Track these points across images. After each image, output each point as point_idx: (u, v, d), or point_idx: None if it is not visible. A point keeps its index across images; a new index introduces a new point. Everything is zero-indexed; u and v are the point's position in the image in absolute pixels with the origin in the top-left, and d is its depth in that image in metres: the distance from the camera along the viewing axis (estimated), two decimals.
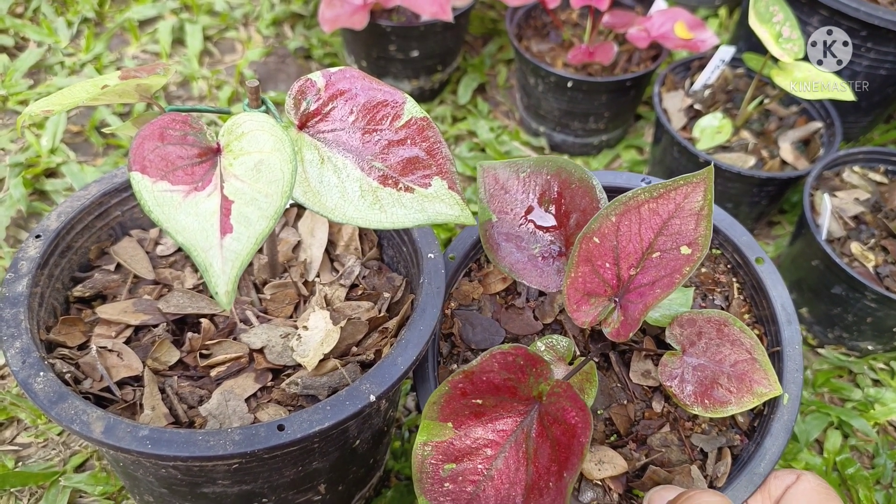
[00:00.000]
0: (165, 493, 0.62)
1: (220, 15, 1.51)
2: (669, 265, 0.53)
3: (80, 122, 1.29)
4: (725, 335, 0.56)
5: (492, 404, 0.52)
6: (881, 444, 0.95)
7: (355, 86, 0.52)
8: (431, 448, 0.51)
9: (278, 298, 0.67)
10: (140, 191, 0.43)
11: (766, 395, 0.54)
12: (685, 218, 0.54)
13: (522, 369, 0.52)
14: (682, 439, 0.61)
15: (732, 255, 0.72)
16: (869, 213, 1.02)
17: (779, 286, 0.67)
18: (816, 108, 1.18)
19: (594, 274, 0.54)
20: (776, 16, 1.00)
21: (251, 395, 0.61)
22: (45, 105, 0.52)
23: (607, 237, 0.54)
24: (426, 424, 0.52)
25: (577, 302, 0.54)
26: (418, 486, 0.50)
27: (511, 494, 0.50)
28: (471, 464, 0.51)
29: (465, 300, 0.69)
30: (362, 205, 0.49)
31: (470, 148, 1.32)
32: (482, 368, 0.52)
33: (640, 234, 0.54)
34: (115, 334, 0.64)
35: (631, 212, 0.55)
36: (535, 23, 1.37)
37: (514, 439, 0.52)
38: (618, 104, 1.27)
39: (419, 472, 0.51)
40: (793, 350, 0.64)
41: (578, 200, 0.59)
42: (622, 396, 0.62)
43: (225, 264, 0.41)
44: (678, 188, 0.54)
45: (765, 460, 0.57)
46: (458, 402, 0.52)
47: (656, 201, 0.54)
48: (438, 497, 0.50)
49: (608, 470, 0.58)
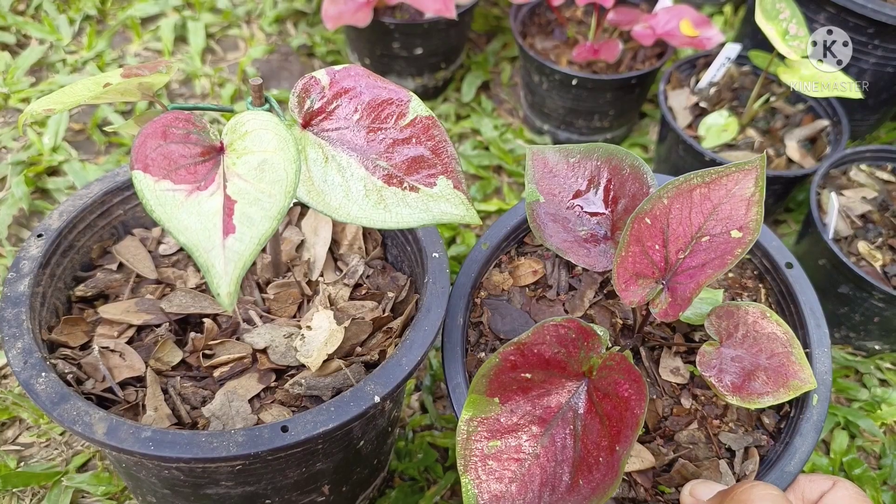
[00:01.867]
0: (168, 494, 0.62)
1: (223, 12, 1.51)
2: (720, 248, 0.53)
3: (82, 121, 1.28)
4: (762, 328, 0.57)
5: (540, 379, 0.52)
6: (888, 445, 0.94)
7: (360, 84, 0.51)
8: (477, 424, 0.50)
9: (282, 298, 0.66)
10: (142, 190, 0.43)
11: (801, 389, 0.54)
12: (736, 203, 0.54)
13: (574, 342, 0.52)
14: (709, 437, 0.61)
15: (761, 260, 0.72)
16: (876, 211, 1.01)
17: (808, 290, 0.68)
18: (823, 105, 1.17)
19: (644, 255, 0.55)
20: (783, 13, 1.00)
21: (254, 395, 0.61)
22: (47, 103, 0.52)
23: (658, 219, 0.55)
24: (473, 399, 0.51)
25: (625, 282, 0.54)
26: (461, 464, 0.50)
27: (557, 472, 0.49)
28: (516, 441, 0.51)
29: (494, 290, 0.70)
30: (366, 204, 0.49)
31: (474, 146, 1.31)
32: (534, 340, 0.52)
33: (691, 217, 0.55)
34: (117, 334, 0.64)
35: (683, 195, 0.55)
36: (539, 20, 1.36)
37: (561, 416, 0.51)
38: (623, 102, 1.26)
39: (463, 448, 0.50)
40: (822, 353, 0.64)
41: (628, 186, 0.60)
42: (651, 392, 0.63)
43: (227, 265, 0.41)
44: (730, 174, 0.55)
45: (794, 459, 0.57)
46: (507, 376, 0.51)
47: (708, 186, 0.55)
48: (481, 475, 0.49)
49: (636, 464, 0.58)
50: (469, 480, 0.49)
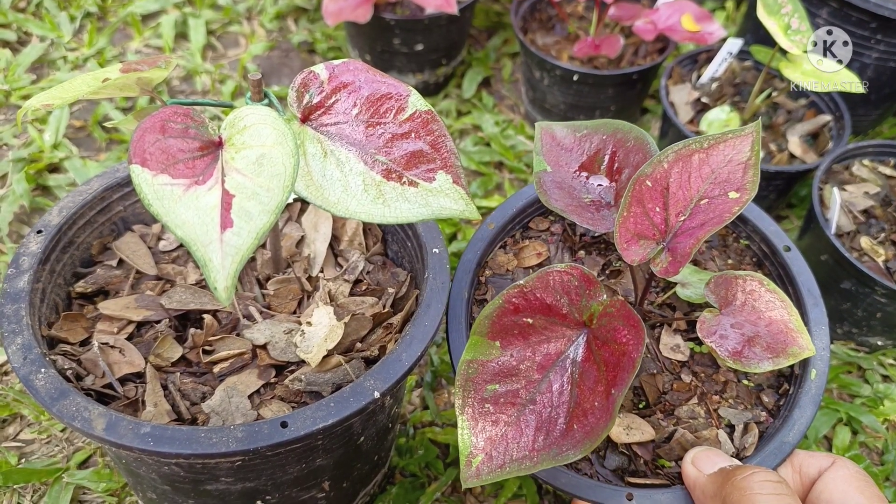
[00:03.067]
0: (168, 490, 0.62)
1: (224, 9, 1.51)
2: (718, 208, 0.55)
3: (82, 117, 1.28)
4: (760, 296, 0.58)
5: (541, 325, 0.53)
6: (890, 441, 0.94)
7: (359, 78, 0.51)
8: (477, 367, 0.51)
9: (282, 294, 0.66)
10: (140, 184, 0.43)
11: (800, 355, 0.55)
12: (734, 167, 0.56)
13: (576, 290, 0.53)
14: (709, 412, 0.62)
15: (760, 245, 0.73)
16: (879, 206, 1.01)
17: (805, 272, 0.69)
18: (825, 100, 1.16)
19: (644, 216, 0.56)
20: (785, 7, 0.99)
21: (254, 391, 0.60)
22: (46, 99, 0.52)
23: (659, 181, 0.56)
24: (475, 341, 0.52)
25: (627, 241, 0.55)
26: (460, 405, 0.50)
27: (553, 417, 0.50)
28: (514, 385, 0.52)
29: (499, 270, 0.71)
30: (365, 199, 0.49)
31: (475, 142, 1.31)
32: (537, 285, 0.53)
33: (690, 181, 0.56)
34: (117, 330, 0.64)
35: (682, 160, 0.56)
36: (540, 16, 1.35)
37: (560, 364, 0.52)
38: (624, 97, 1.26)
39: (461, 389, 0.51)
40: (820, 330, 0.65)
41: (632, 157, 0.61)
42: (652, 367, 0.64)
43: (224, 259, 0.41)
44: (727, 140, 0.56)
45: (793, 430, 0.58)
46: (509, 319, 0.52)
47: (706, 152, 0.56)
48: (478, 418, 0.50)
49: (636, 435, 0.59)
50: (465, 421, 0.50)
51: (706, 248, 0.74)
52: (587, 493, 0.55)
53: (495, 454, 0.50)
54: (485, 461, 0.49)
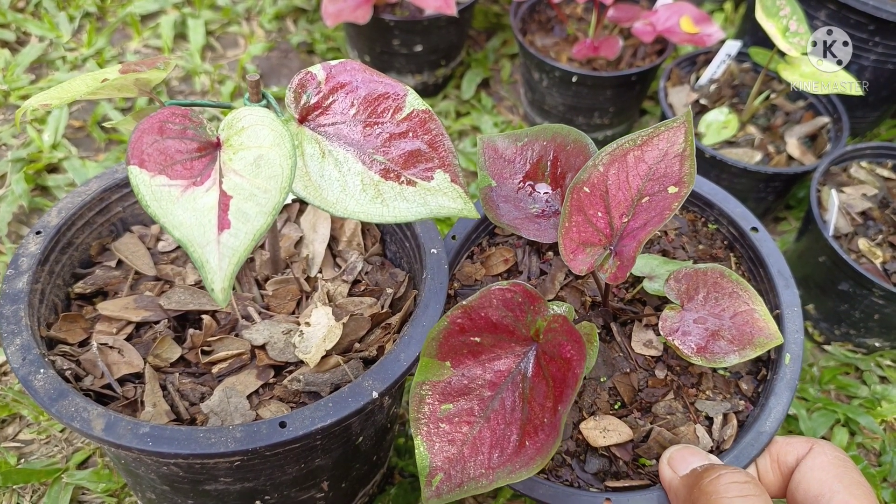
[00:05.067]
0: (167, 490, 0.62)
1: (223, 9, 1.51)
2: (659, 205, 0.54)
3: (82, 118, 1.28)
4: (723, 288, 0.57)
5: (490, 343, 0.52)
6: (888, 442, 0.94)
7: (356, 78, 0.51)
8: (429, 388, 0.51)
9: (280, 294, 0.66)
10: (138, 185, 0.43)
11: (767, 345, 0.54)
12: (670, 161, 0.55)
13: (521, 306, 0.52)
14: (686, 406, 0.61)
15: (728, 228, 0.72)
16: (876, 208, 1.01)
17: (774, 253, 0.68)
18: (823, 102, 1.16)
19: (587, 223, 0.55)
20: (783, 9, 0.99)
21: (253, 391, 0.61)
22: (44, 99, 0.52)
23: (597, 186, 0.55)
24: (425, 363, 0.51)
25: (573, 251, 0.55)
26: (415, 427, 0.50)
27: (506, 434, 0.50)
28: (467, 404, 0.51)
29: (467, 281, 0.70)
30: (364, 199, 0.49)
31: (474, 143, 1.31)
32: (480, 304, 0.52)
33: (629, 181, 0.55)
34: (116, 331, 0.64)
35: (617, 161, 0.56)
36: (539, 17, 1.36)
37: (511, 380, 0.52)
38: (623, 99, 1.26)
39: (416, 412, 0.50)
40: (792, 312, 0.64)
41: (573, 160, 0.61)
42: (625, 366, 0.63)
43: (221, 260, 0.41)
44: (660, 134, 0.56)
45: (770, 419, 0.57)
46: (456, 339, 0.52)
47: (640, 149, 0.56)
48: (434, 438, 0.50)
49: (613, 437, 0.58)
50: (421, 442, 0.50)
51: (676, 237, 0.72)
52: (565, 501, 0.54)
53: (454, 473, 0.49)
54: (444, 480, 0.49)
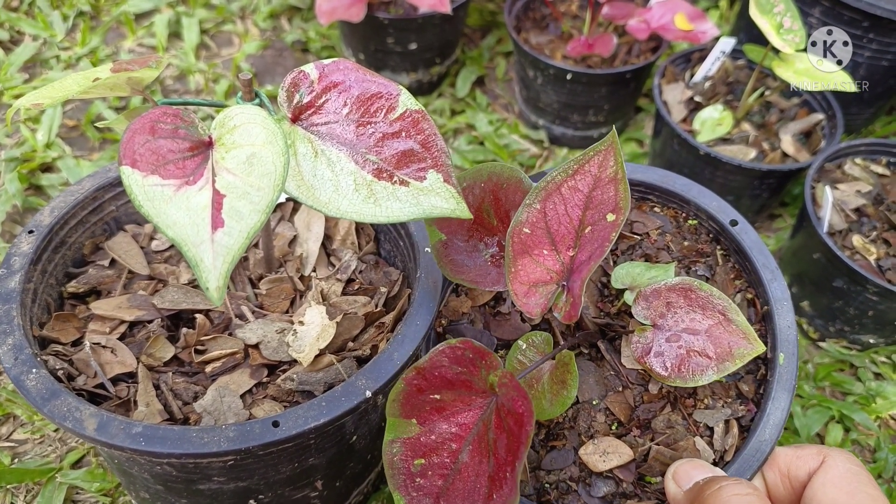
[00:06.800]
0: (161, 489, 0.62)
1: (217, 8, 1.50)
2: (600, 236, 0.53)
3: (75, 117, 1.28)
4: (694, 301, 0.55)
5: (451, 398, 0.52)
6: (882, 438, 0.95)
7: (349, 77, 0.51)
8: (400, 445, 0.51)
9: (274, 293, 0.66)
10: (130, 185, 0.43)
11: (747, 356, 0.52)
12: (605, 187, 0.54)
13: (472, 362, 0.52)
14: (685, 417, 0.59)
15: (709, 222, 0.71)
16: (871, 205, 1.01)
17: (758, 245, 0.66)
18: (818, 99, 1.17)
19: (534, 264, 0.54)
20: (777, 7, 0.99)
21: (246, 391, 0.61)
22: (35, 98, 0.52)
23: (537, 225, 0.54)
24: (392, 422, 0.52)
25: (525, 294, 0.54)
26: (392, 483, 0.51)
27: (477, 486, 0.50)
28: (438, 458, 0.51)
29: (454, 315, 0.68)
30: (357, 199, 0.49)
31: (469, 141, 1.31)
32: (432, 364, 0.52)
33: (568, 213, 0.54)
34: (109, 330, 0.63)
35: (553, 195, 0.55)
36: (533, 15, 1.35)
37: (475, 432, 0.52)
38: (617, 96, 1.26)
39: (391, 468, 0.51)
40: (782, 307, 0.62)
41: (512, 198, 0.59)
42: (617, 384, 0.61)
43: (216, 259, 0.41)
44: (590, 160, 0.54)
45: (769, 426, 0.55)
46: (416, 399, 0.52)
47: (573, 178, 0.54)
48: (412, 492, 0.50)
49: (614, 460, 0.57)
50: (400, 497, 0.50)
51: (658, 236, 0.70)
52: None
53: None
54: None
